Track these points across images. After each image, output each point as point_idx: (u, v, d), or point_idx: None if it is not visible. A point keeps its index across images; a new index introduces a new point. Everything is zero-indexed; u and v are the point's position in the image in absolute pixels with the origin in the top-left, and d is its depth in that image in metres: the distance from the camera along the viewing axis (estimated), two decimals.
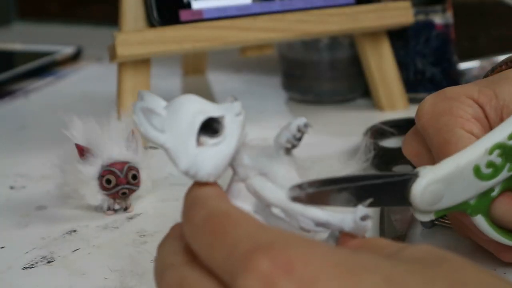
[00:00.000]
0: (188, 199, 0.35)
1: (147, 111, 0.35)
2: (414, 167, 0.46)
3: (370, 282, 0.28)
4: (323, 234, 0.37)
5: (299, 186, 0.36)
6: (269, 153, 0.37)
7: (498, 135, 0.39)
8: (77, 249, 0.49)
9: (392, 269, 0.29)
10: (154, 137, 0.35)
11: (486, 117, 0.42)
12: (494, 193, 0.40)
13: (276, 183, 0.36)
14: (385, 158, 0.59)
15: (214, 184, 0.35)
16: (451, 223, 0.45)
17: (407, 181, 0.38)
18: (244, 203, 0.36)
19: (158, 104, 0.35)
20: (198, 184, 0.35)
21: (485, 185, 0.39)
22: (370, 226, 0.35)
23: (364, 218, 0.35)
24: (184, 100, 0.35)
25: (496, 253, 0.43)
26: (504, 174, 0.39)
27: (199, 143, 0.34)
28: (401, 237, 0.47)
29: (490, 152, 0.39)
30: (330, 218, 0.35)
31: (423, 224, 0.48)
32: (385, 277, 0.28)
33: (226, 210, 0.32)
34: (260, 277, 0.28)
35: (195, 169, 0.34)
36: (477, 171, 0.39)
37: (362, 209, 0.35)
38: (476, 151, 0.39)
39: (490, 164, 0.39)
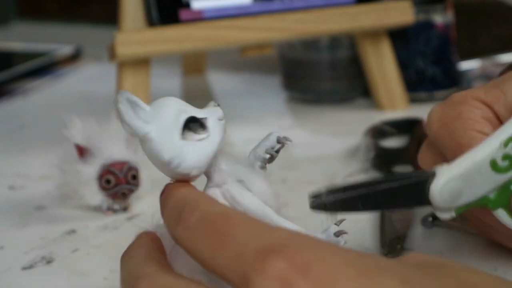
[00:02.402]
0: (173, 201, 0.34)
1: (131, 103, 0.34)
2: (415, 168, 0.46)
3: (388, 283, 0.28)
4: None
5: (318, 195, 0.36)
6: (245, 164, 0.37)
7: (511, 127, 0.39)
8: (77, 250, 0.49)
9: (405, 271, 0.29)
10: (139, 126, 0.34)
11: (497, 116, 0.42)
12: None
13: (253, 192, 0.36)
14: (385, 158, 0.59)
15: (191, 185, 0.35)
16: (471, 223, 0.45)
17: (424, 181, 0.38)
18: None
19: (141, 101, 0.35)
20: (180, 183, 0.35)
21: (503, 177, 0.39)
22: (343, 243, 0.36)
23: (337, 234, 0.35)
24: (168, 100, 0.35)
25: None
26: None
27: (183, 137, 0.34)
28: (402, 237, 0.46)
29: (506, 144, 0.39)
30: (303, 231, 0.36)
31: (424, 224, 0.48)
32: (401, 278, 0.28)
33: (223, 212, 0.32)
34: (277, 278, 0.28)
35: (179, 160, 0.34)
36: (494, 164, 0.39)
37: (335, 227, 0.36)
38: (491, 145, 0.39)
39: (506, 157, 0.39)
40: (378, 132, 0.65)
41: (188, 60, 0.90)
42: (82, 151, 0.53)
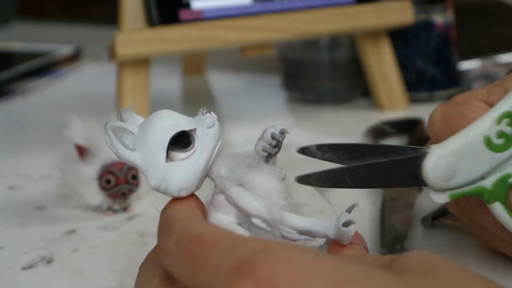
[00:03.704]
0: (160, 221, 0.34)
1: (119, 130, 0.35)
2: None
3: None
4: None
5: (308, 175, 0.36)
6: (249, 163, 0.36)
7: (504, 105, 0.39)
8: (77, 250, 0.49)
9: (379, 281, 0.28)
10: (125, 156, 0.35)
11: None
12: None
13: (255, 193, 0.35)
14: None
15: (191, 198, 0.35)
16: (471, 229, 0.45)
17: (417, 158, 0.38)
18: (227, 214, 0.35)
19: (134, 122, 0.36)
20: (174, 200, 0.35)
21: (500, 157, 0.39)
22: (353, 233, 0.34)
23: (346, 224, 0.34)
24: (156, 116, 0.35)
25: None
26: None
27: (168, 158, 0.35)
28: (402, 237, 0.46)
29: (498, 121, 0.38)
30: (311, 226, 0.35)
31: (424, 224, 0.48)
32: None
33: (197, 232, 0.32)
34: None
35: (165, 185, 0.34)
36: (488, 142, 0.38)
37: (345, 215, 0.34)
38: (484, 122, 0.39)
39: (501, 134, 0.38)
40: (378, 132, 0.65)
41: (188, 60, 0.90)
42: (82, 151, 0.53)
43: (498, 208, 0.39)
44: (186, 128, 0.35)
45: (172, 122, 0.35)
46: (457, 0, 0.76)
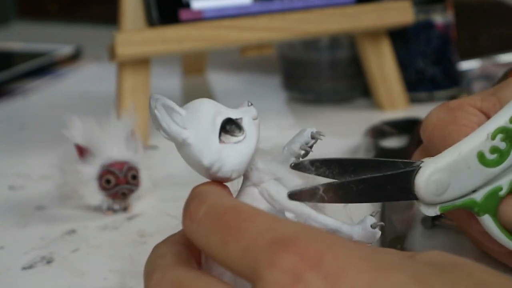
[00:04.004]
0: (190, 195, 0.34)
1: (168, 108, 0.34)
2: None
3: (399, 279, 0.28)
4: None
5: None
6: (280, 160, 0.37)
7: (499, 119, 0.39)
8: (77, 250, 0.49)
9: (417, 269, 0.29)
10: (177, 132, 0.34)
11: None
12: (502, 192, 0.39)
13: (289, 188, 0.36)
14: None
15: (222, 184, 0.35)
16: (470, 238, 0.45)
17: (410, 172, 0.38)
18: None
19: (174, 104, 0.35)
20: (202, 183, 0.35)
21: (492, 172, 0.38)
22: (379, 234, 0.35)
23: (375, 226, 0.35)
24: (202, 102, 0.35)
25: None
26: (511, 159, 0.39)
27: (220, 141, 0.34)
28: (401, 237, 0.46)
29: (493, 137, 0.38)
30: (340, 226, 0.35)
31: (424, 224, 0.48)
32: (412, 276, 0.28)
33: (233, 205, 0.32)
34: (288, 271, 0.28)
35: (220, 164, 0.34)
36: (481, 157, 0.38)
37: (371, 218, 0.36)
38: (478, 137, 0.39)
39: (494, 150, 0.38)
40: (378, 132, 0.65)
41: (188, 60, 0.90)
42: (82, 151, 0.53)
43: (487, 221, 0.39)
44: (233, 116, 0.35)
45: (219, 109, 0.35)
46: (457, 0, 0.76)
